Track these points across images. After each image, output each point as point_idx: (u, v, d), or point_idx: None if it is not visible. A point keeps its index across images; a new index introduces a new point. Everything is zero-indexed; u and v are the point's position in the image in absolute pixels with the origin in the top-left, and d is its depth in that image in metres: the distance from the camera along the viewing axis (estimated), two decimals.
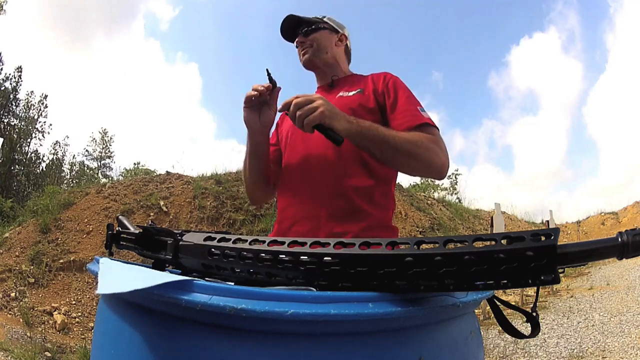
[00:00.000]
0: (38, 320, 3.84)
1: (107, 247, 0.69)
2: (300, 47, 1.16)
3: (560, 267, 0.36)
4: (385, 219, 1.03)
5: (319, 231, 0.97)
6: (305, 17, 1.15)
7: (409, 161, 0.94)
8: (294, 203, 1.04)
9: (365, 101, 1.06)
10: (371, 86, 1.08)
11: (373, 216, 0.99)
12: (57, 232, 5.03)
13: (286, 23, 1.15)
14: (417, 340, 0.44)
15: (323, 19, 1.17)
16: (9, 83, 15.18)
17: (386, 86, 1.07)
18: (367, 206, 0.99)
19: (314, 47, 1.14)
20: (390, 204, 1.06)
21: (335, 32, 1.18)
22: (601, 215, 12.11)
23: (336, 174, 1.00)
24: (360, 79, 1.15)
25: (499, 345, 3.50)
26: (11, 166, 14.03)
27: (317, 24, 1.15)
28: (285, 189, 1.08)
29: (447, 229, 7.20)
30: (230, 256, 0.48)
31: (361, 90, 1.08)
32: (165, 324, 0.41)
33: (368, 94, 1.07)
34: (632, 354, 3.05)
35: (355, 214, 0.98)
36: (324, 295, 0.39)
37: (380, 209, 1.01)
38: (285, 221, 1.04)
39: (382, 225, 1.01)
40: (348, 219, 0.97)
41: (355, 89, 1.10)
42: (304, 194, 1.02)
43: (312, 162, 1.03)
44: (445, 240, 0.40)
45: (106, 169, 19.36)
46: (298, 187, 1.04)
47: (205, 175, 6.76)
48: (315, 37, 1.14)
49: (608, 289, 5.49)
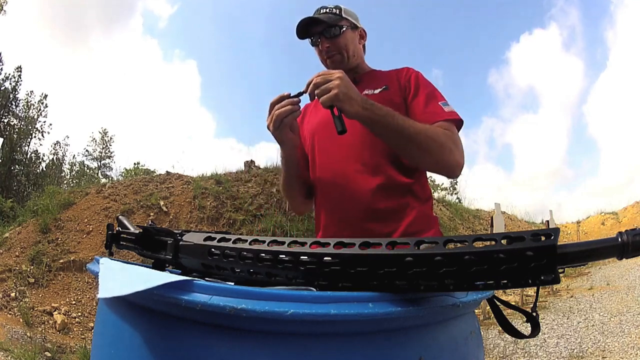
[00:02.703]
0: (38, 320, 3.84)
1: (107, 247, 0.69)
2: (325, 53, 1.11)
3: (560, 267, 0.36)
4: (427, 210, 1.04)
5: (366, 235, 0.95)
6: (327, 18, 1.09)
7: (421, 154, 0.92)
8: (336, 209, 1.03)
9: (392, 97, 1.05)
10: (396, 83, 1.08)
11: (417, 209, 1.00)
12: (57, 232, 5.03)
13: (304, 23, 1.10)
14: (417, 340, 0.44)
15: (341, 15, 1.11)
16: (9, 83, 15.19)
17: (408, 81, 1.07)
18: (411, 201, 1.00)
19: (342, 54, 1.10)
20: (428, 194, 1.06)
21: (355, 28, 1.14)
22: (601, 215, 12.12)
23: (376, 174, 0.99)
24: (382, 75, 1.13)
25: (499, 345, 3.50)
26: (11, 166, 14.03)
27: (341, 26, 1.09)
28: (324, 195, 1.06)
29: (447, 229, 7.20)
30: (230, 256, 0.48)
31: (387, 87, 1.07)
32: (165, 324, 0.41)
33: (394, 91, 1.06)
34: (632, 354, 3.05)
35: (399, 211, 0.98)
36: (324, 295, 0.39)
37: (421, 202, 1.02)
38: (331, 227, 1.04)
39: (425, 216, 1.02)
40: (394, 217, 0.98)
41: (381, 86, 1.08)
42: (345, 198, 1.00)
43: (350, 165, 1.01)
44: (445, 240, 0.40)
45: (106, 169, 19.38)
46: (338, 192, 1.02)
47: (205, 175, 6.76)
48: (341, 42, 1.09)
49: (608, 289, 5.49)
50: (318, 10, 1.12)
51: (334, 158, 1.04)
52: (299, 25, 1.09)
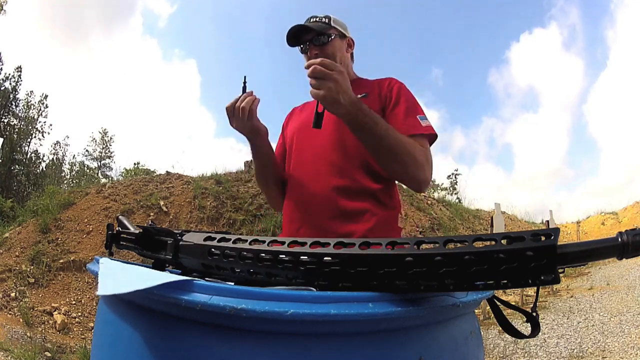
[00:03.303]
0: (38, 320, 3.84)
1: (107, 247, 0.69)
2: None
3: (560, 267, 0.36)
4: (390, 219, 1.05)
5: (325, 233, 0.98)
6: (316, 26, 1.12)
7: (395, 164, 0.96)
8: (301, 205, 1.06)
9: (369, 105, 1.05)
10: (376, 90, 1.10)
11: (378, 216, 1.01)
12: (57, 232, 5.03)
13: (293, 30, 1.12)
14: (417, 340, 0.44)
15: (330, 24, 1.14)
16: (9, 83, 15.19)
17: (390, 91, 1.09)
18: (373, 207, 1.01)
19: None
20: (395, 204, 1.08)
21: (343, 37, 1.17)
22: (601, 215, 12.12)
23: (342, 176, 1.02)
24: (366, 83, 1.16)
25: (499, 345, 3.50)
26: (11, 166, 14.03)
27: (329, 35, 1.12)
28: (293, 190, 1.10)
29: (447, 229, 7.20)
30: (230, 256, 0.48)
31: (366, 95, 1.08)
32: (165, 324, 0.41)
33: (373, 98, 1.08)
34: (632, 354, 3.05)
35: (359, 214, 1.00)
36: (324, 295, 0.39)
37: (385, 209, 1.04)
38: (295, 222, 1.06)
39: (387, 224, 1.03)
40: (354, 220, 1.00)
41: (360, 93, 1.09)
42: (311, 196, 1.04)
43: (319, 165, 1.05)
44: (445, 240, 0.40)
45: (106, 169, 19.36)
46: (305, 189, 1.06)
47: (205, 175, 6.76)
48: (329, 50, 1.11)
49: (608, 289, 5.49)
50: (308, 19, 1.15)
51: (306, 157, 1.08)
52: (289, 32, 1.12)
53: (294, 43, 1.14)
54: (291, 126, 1.20)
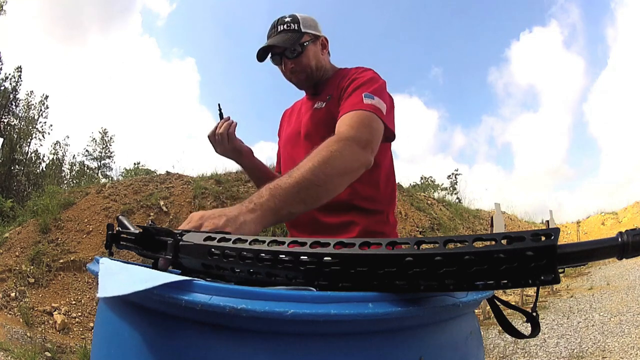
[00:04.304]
0: (38, 320, 3.84)
1: (107, 247, 0.69)
2: (290, 72, 1.10)
3: (560, 267, 0.36)
4: (377, 224, 1.04)
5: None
6: (287, 41, 1.05)
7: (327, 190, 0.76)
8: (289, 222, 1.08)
9: (333, 108, 1.04)
10: (338, 89, 1.06)
11: (361, 225, 1.01)
12: (57, 232, 5.03)
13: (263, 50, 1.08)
14: (417, 341, 0.44)
15: (300, 30, 1.07)
16: (9, 83, 15.19)
17: (348, 80, 1.03)
18: (355, 217, 1.01)
19: (307, 72, 1.09)
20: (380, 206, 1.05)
21: (316, 39, 1.11)
22: (601, 215, 12.13)
23: None
24: (336, 78, 1.11)
25: (499, 345, 3.50)
26: (11, 166, 14.03)
27: (302, 44, 1.07)
28: None
29: (447, 229, 7.20)
30: (230, 256, 0.48)
31: (330, 97, 1.07)
32: (165, 324, 0.41)
33: (334, 100, 1.05)
34: (632, 354, 3.05)
35: (343, 227, 1.00)
36: (324, 295, 0.39)
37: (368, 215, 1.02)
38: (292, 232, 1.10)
39: (373, 230, 1.02)
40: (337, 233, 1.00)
41: (326, 97, 1.08)
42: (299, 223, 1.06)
43: None
44: (445, 240, 0.40)
45: (106, 169, 19.33)
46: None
47: (205, 175, 6.77)
48: (304, 60, 1.07)
49: (608, 289, 5.49)
50: (275, 25, 1.09)
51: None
52: (258, 53, 1.08)
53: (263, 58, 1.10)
54: (282, 135, 1.21)
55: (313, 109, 1.09)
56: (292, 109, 1.24)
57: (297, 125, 1.13)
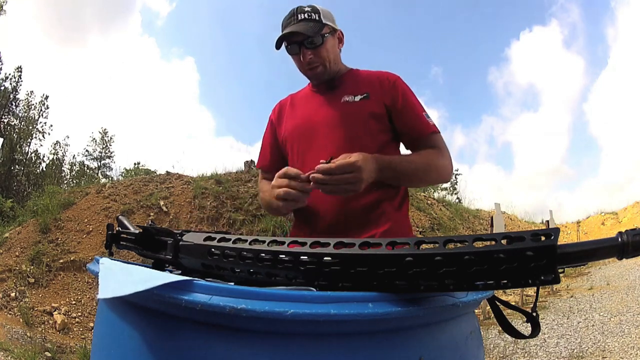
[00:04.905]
0: (38, 320, 3.84)
1: (107, 247, 0.69)
2: (307, 64, 1.08)
3: (560, 267, 0.36)
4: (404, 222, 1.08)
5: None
6: (308, 29, 1.04)
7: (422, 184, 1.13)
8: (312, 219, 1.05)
9: (373, 108, 1.05)
10: (378, 90, 1.07)
11: (392, 220, 1.03)
12: (57, 232, 5.03)
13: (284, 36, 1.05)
14: (417, 340, 0.44)
15: (321, 20, 1.07)
16: (9, 83, 15.19)
17: (394, 89, 1.08)
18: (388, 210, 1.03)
19: (325, 65, 1.08)
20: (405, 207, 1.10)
21: (334, 32, 1.11)
22: (601, 215, 12.12)
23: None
24: (363, 78, 1.12)
25: (499, 345, 3.50)
26: (11, 166, 14.03)
27: (323, 35, 1.06)
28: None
29: (447, 229, 7.20)
30: (230, 256, 0.48)
31: (367, 96, 1.06)
32: (165, 324, 0.41)
33: (375, 100, 1.06)
34: (632, 354, 3.05)
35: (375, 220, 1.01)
36: (324, 295, 0.39)
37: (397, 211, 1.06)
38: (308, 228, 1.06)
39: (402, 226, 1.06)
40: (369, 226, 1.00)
41: (361, 92, 1.07)
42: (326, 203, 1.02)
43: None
44: (445, 240, 0.40)
45: (106, 169, 19.34)
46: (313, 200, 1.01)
47: (205, 175, 6.76)
48: (323, 52, 1.07)
49: (608, 289, 5.49)
50: (295, 14, 1.07)
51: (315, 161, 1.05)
52: (280, 39, 1.06)
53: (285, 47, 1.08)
54: (287, 124, 1.15)
55: (343, 101, 1.07)
56: (292, 99, 1.20)
57: (312, 116, 1.10)
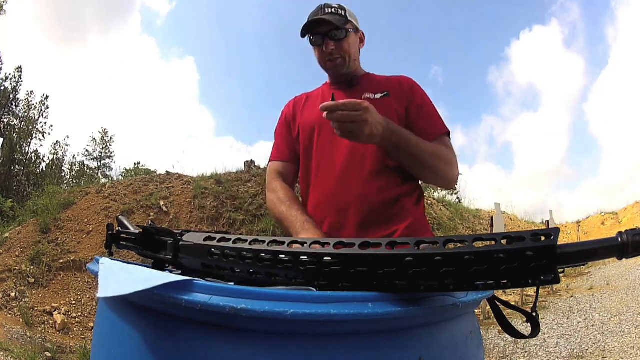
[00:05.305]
0: (38, 320, 3.84)
1: (107, 247, 0.69)
2: (328, 55, 1.10)
3: (560, 267, 0.36)
4: (422, 219, 1.08)
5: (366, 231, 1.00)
6: (335, 20, 1.07)
7: (428, 173, 1.03)
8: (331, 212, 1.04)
9: (395, 105, 1.07)
10: (398, 90, 1.11)
11: (413, 216, 1.04)
12: (57, 232, 5.03)
13: (311, 22, 1.08)
14: (417, 340, 0.44)
15: (346, 17, 1.10)
16: (9, 83, 15.17)
17: (410, 90, 1.11)
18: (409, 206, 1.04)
19: (344, 59, 1.10)
20: (422, 204, 1.10)
21: (357, 32, 1.15)
22: (601, 215, 12.12)
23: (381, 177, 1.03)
24: (381, 80, 1.15)
25: (499, 345, 3.50)
26: (11, 166, 14.02)
27: (347, 30, 1.09)
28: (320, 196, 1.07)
29: (447, 229, 7.20)
30: (230, 256, 0.48)
31: (388, 94, 1.09)
32: (165, 324, 0.41)
33: (396, 98, 1.09)
34: (632, 354, 3.05)
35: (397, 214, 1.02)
36: (324, 295, 0.39)
37: (416, 208, 1.06)
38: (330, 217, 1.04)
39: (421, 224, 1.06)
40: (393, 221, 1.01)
41: (381, 91, 1.10)
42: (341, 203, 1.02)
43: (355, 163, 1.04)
44: (445, 240, 0.40)
45: (106, 169, 19.33)
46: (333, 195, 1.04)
47: (205, 175, 6.76)
48: (345, 45, 1.09)
49: (608, 289, 5.49)
50: (322, 8, 1.10)
51: (336, 160, 1.05)
52: (307, 25, 1.08)
53: (309, 35, 1.10)
54: (305, 119, 1.15)
55: (364, 97, 1.08)
56: (309, 97, 1.21)
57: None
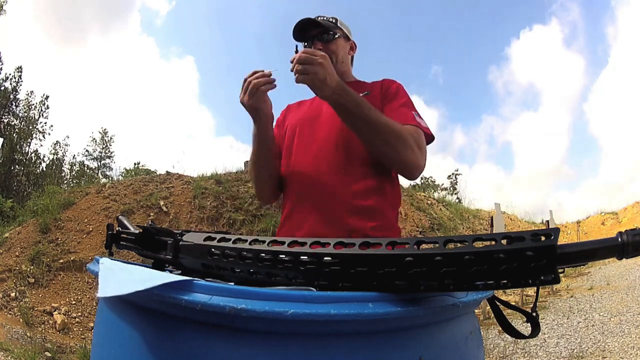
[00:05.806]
0: (38, 320, 3.84)
1: (107, 247, 0.69)
2: None
3: (560, 267, 0.36)
4: (392, 218, 1.07)
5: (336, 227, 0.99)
6: (323, 23, 1.14)
7: (383, 147, 0.96)
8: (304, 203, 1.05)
9: (372, 102, 1.07)
10: (378, 90, 1.13)
11: (384, 214, 1.03)
12: (57, 232, 5.03)
13: (301, 24, 1.13)
14: (417, 340, 0.44)
15: (337, 24, 1.17)
16: (9, 83, 15.17)
17: (389, 88, 1.13)
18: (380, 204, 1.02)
19: (333, 59, 1.12)
20: (396, 203, 1.09)
21: (347, 39, 1.20)
22: (601, 215, 12.12)
23: (351, 172, 1.03)
24: (365, 84, 1.19)
25: (499, 345, 3.50)
26: (11, 166, 14.02)
27: (335, 32, 1.15)
28: (296, 190, 1.09)
29: (447, 229, 7.20)
30: (230, 256, 0.48)
31: (368, 93, 1.11)
32: (166, 324, 0.41)
33: (375, 95, 1.11)
34: (632, 354, 3.05)
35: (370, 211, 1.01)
36: (324, 295, 0.39)
37: (389, 208, 1.06)
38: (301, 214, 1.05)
39: (390, 223, 1.05)
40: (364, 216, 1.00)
41: (363, 92, 1.12)
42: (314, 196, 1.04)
43: (321, 164, 1.05)
44: (445, 240, 0.40)
45: (106, 169, 19.31)
46: (308, 189, 1.05)
47: (205, 175, 6.76)
48: (333, 47, 1.14)
49: (608, 289, 5.49)
50: (316, 17, 1.17)
51: (311, 151, 1.08)
52: (297, 25, 1.13)
53: (300, 38, 1.15)
54: (290, 121, 1.20)
55: None
56: (300, 103, 1.26)
57: (317, 108, 1.15)
